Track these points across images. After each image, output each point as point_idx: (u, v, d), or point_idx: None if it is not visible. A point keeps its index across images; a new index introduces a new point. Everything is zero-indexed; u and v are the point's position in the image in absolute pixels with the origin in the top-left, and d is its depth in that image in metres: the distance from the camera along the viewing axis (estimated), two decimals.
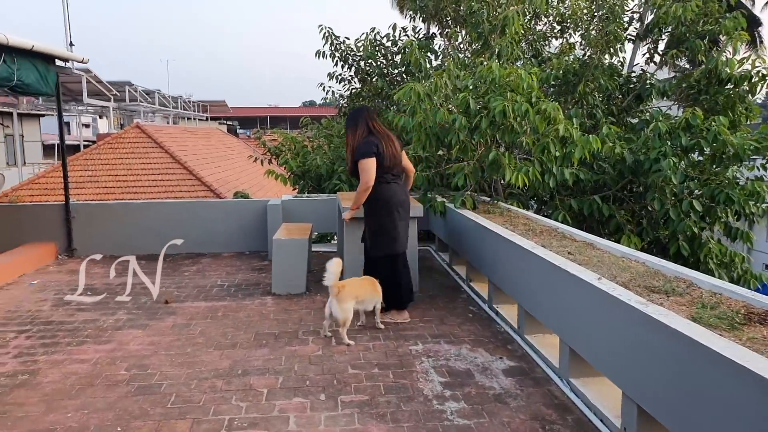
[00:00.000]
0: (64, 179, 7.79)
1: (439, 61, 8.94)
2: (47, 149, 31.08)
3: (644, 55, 8.50)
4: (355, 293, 4.53)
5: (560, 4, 8.42)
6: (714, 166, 6.31)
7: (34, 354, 4.30)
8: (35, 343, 4.53)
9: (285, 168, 9.82)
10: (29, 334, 4.73)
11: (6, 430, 3.25)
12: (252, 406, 3.49)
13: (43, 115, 29.72)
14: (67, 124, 37.30)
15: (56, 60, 7.19)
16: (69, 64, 7.77)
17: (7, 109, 25.50)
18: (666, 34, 8.12)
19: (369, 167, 4.82)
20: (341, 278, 4.52)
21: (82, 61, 8.06)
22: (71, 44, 21.59)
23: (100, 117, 34.98)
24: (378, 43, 9.45)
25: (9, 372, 3.99)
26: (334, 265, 4.35)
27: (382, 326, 4.80)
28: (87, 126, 38.12)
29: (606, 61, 7.88)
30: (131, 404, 3.51)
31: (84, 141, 28.88)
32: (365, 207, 5.02)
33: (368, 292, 4.70)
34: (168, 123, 34.01)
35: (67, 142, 8.25)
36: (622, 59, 8.31)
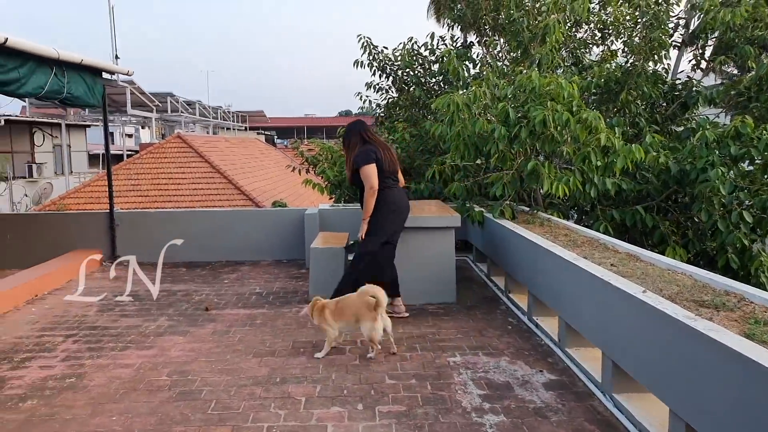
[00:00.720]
0: (108, 188, 8.00)
1: (477, 70, 8.90)
2: (92, 159, 32.08)
3: (690, 61, 8.29)
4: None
5: (602, 11, 8.28)
6: (766, 176, 6.09)
7: (80, 358, 4.41)
8: (81, 347, 4.65)
9: (322, 177, 9.89)
10: (76, 338, 4.86)
11: (55, 431, 3.33)
12: (290, 414, 3.49)
13: (89, 126, 30.72)
14: (111, 134, 38.39)
15: (103, 73, 7.41)
16: (114, 77, 8.00)
17: (56, 121, 26.44)
18: (713, 39, 7.91)
19: (371, 173, 4.96)
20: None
21: (127, 74, 8.28)
22: (117, 57, 22.29)
23: (143, 127, 35.99)
24: (416, 52, 9.47)
25: (58, 375, 4.10)
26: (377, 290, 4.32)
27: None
28: (130, 136, 39.21)
29: (650, 69, 7.71)
30: (173, 409, 3.56)
31: (127, 150, 29.70)
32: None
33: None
34: (208, 133, 34.72)
35: (111, 152, 8.47)
36: (666, 66, 8.12)
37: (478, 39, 9.71)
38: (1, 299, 5.64)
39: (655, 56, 7.70)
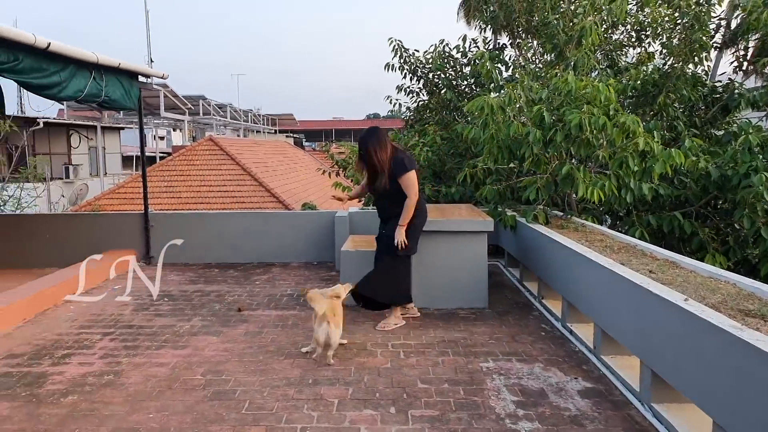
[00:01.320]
0: (143, 190, 8.13)
1: (509, 73, 8.82)
2: (125, 160, 32.75)
3: (731, 63, 8.08)
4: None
5: (639, 12, 8.12)
6: None
7: (117, 356, 4.48)
8: (118, 345, 4.73)
9: (352, 180, 9.91)
10: (113, 336, 4.95)
11: (95, 426, 3.40)
12: (323, 416, 3.49)
13: (122, 128, 31.37)
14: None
15: (139, 76, 7.55)
16: (149, 80, 8.13)
17: (91, 123, 27.07)
18: (755, 41, 7.69)
19: (415, 181, 4.93)
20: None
21: (162, 77, 8.42)
22: (151, 60, 22.73)
23: (174, 129, 36.58)
24: (447, 54, 9.43)
25: (96, 372, 4.18)
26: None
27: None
28: (162, 138, 39.96)
29: (689, 71, 7.53)
30: (207, 408, 3.59)
31: (159, 153, 30.24)
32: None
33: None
34: (238, 136, 35.14)
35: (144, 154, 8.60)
36: (706, 68, 7.93)
37: (510, 41, 9.64)
38: (42, 297, 5.77)
39: (695, 58, 7.52)
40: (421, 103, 10.18)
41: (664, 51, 7.99)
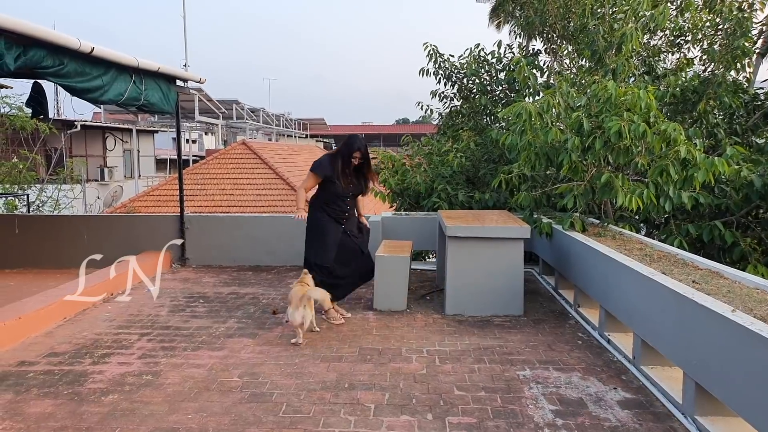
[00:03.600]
0: (179, 192, 8.26)
1: (544, 78, 8.74)
2: (159, 163, 33.33)
3: None
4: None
5: (678, 18, 7.98)
6: None
7: (155, 356, 4.55)
8: (156, 346, 4.80)
9: (383, 186, 9.91)
10: (150, 337, 5.03)
11: (135, 425, 3.45)
12: (360, 420, 3.50)
13: (156, 132, 31.93)
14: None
15: (177, 80, 7.68)
16: (186, 84, 8.26)
17: (127, 126, 27.64)
18: None
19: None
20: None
21: (199, 81, 8.54)
22: (186, 65, 23.09)
23: (206, 133, 37.11)
24: (482, 59, 9.39)
25: (135, 372, 4.25)
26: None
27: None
28: (194, 142, 40.58)
29: (730, 77, 7.37)
30: (245, 410, 3.63)
31: (192, 156, 30.71)
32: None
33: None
34: (270, 140, 35.50)
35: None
36: (748, 75, 7.76)
37: (545, 47, 9.56)
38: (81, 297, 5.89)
39: (737, 64, 7.37)
40: (453, 108, 10.16)
41: (704, 57, 7.84)
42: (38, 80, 6.72)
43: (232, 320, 5.50)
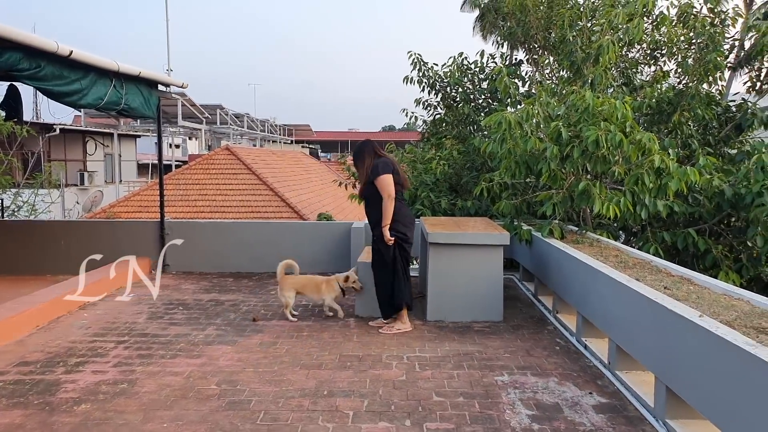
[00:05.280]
0: (160, 198, 8.20)
1: (525, 88, 8.85)
2: (140, 168, 33.04)
3: (744, 83, 8.09)
4: (295, 286, 5.77)
5: (655, 31, 8.15)
6: None
7: (131, 364, 4.51)
8: (132, 353, 4.76)
9: None
10: (127, 345, 4.98)
11: None
12: (338, 427, 3.51)
13: (139, 136, 31.65)
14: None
15: (158, 85, 7.63)
16: (168, 89, 8.21)
17: (108, 130, 27.37)
18: None
19: (389, 182, 5.21)
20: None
21: (182, 86, 8.50)
22: (170, 69, 23.00)
23: (190, 138, 36.88)
24: (465, 68, 9.48)
25: (110, 380, 4.20)
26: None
27: (330, 313, 5.86)
28: (177, 146, 40.33)
29: (703, 90, 7.54)
30: (222, 418, 3.62)
31: (175, 161, 30.49)
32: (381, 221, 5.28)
33: (311, 289, 5.78)
34: (254, 146, 35.39)
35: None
36: (720, 88, 7.93)
37: (527, 57, 9.68)
38: (56, 304, 5.81)
39: (709, 77, 7.54)
40: (437, 116, 10.23)
41: (679, 70, 8.00)
42: (14, 83, 6.64)
43: (212, 327, 5.47)
